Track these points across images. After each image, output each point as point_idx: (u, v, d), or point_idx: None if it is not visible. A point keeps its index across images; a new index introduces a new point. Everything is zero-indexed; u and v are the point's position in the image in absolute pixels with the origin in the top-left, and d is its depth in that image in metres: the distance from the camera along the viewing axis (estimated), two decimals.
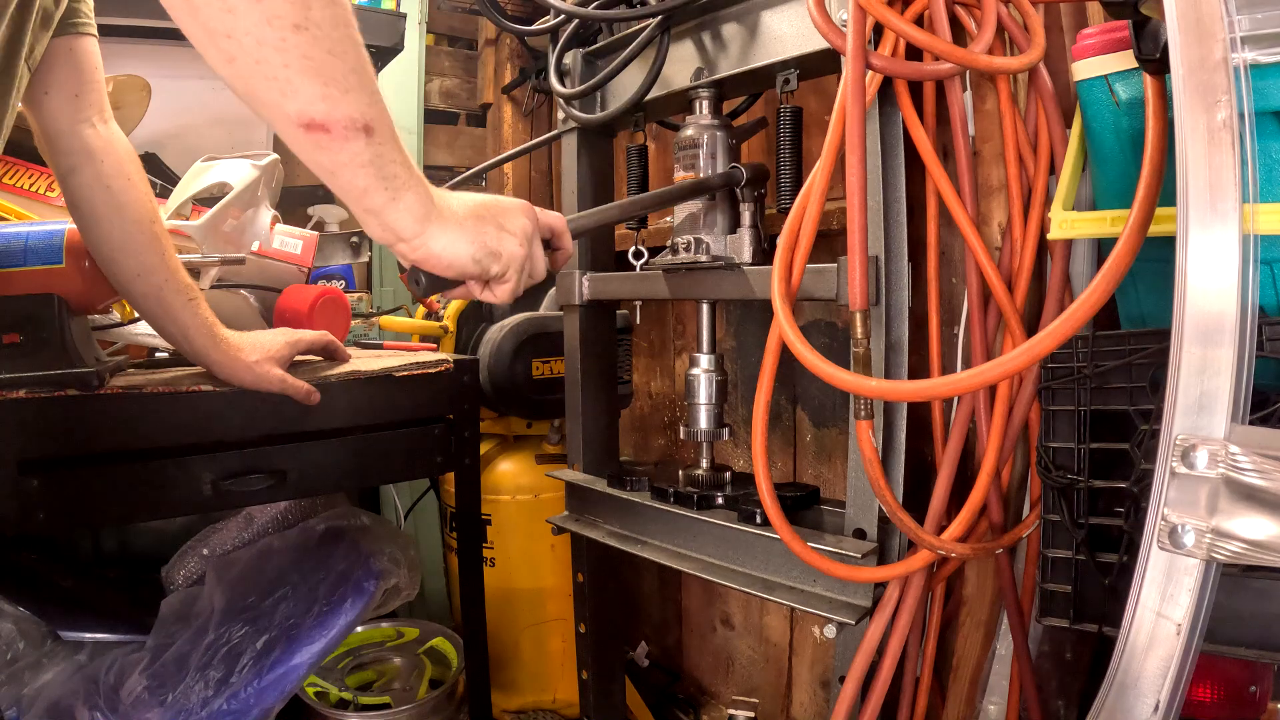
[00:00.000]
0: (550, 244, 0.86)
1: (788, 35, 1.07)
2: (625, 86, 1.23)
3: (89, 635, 1.35)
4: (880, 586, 1.00)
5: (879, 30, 0.94)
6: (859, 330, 0.92)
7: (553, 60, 1.33)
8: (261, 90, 0.59)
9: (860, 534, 1.01)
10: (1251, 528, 0.55)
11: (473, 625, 1.40)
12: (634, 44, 1.15)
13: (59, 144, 0.97)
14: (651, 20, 1.15)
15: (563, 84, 1.32)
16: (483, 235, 0.74)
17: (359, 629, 1.72)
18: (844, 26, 0.91)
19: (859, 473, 1.00)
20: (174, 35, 1.84)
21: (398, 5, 2.18)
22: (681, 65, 1.21)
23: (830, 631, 1.04)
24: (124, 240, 0.99)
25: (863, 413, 0.93)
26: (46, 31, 0.90)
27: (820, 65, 1.07)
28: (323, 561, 1.38)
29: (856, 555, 0.97)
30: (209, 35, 0.56)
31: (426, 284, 0.75)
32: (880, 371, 0.98)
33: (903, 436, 1.01)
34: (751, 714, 1.38)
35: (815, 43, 1.02)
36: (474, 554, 1.41)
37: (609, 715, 1.50)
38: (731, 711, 1.39)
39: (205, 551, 1.49)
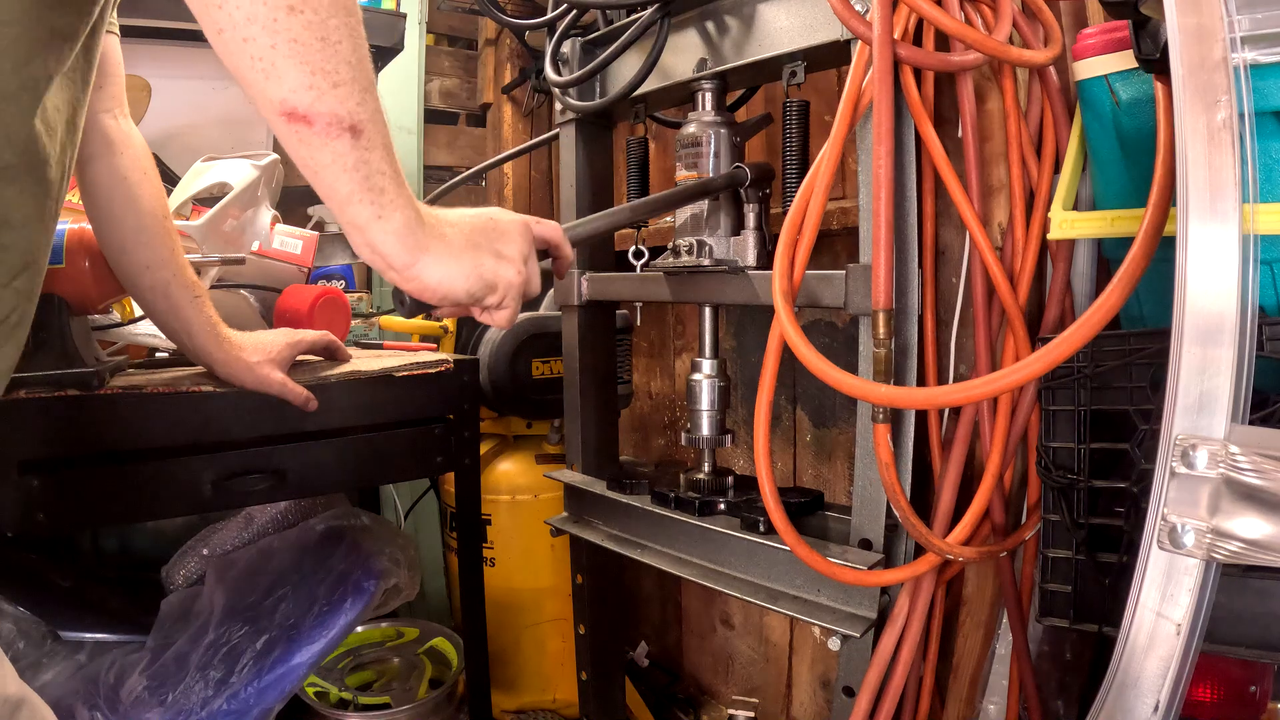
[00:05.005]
0: (549, 253, 0.84)
1: (794, 26, 1.05)
2: (624, 76, 1.21)
3: (89, 635, 1.35)
4: (885, 596, 1.00)
5: None
6: (881, 330, 0.88)
7: (549, 49, 1.30)
8: (246, 70, 0.55)
9: (866, 544, 1.00)
10: (1251, 528, 0.55)
11: (473, 625, 1.40)
12: (634, 28, 1.12)
13: None
14: (651, 5, 1.13)
15: (559, 73, 1.29)
16: (479, 266, 0.71)
17: (359, 629, 1.72)
18: (866, 14, 0.89)
19: (865, 480, 0.99)
20: (174, 35, 1.84)
21: (398, 5, 2.18)
22: (684, 55, 1.18)
23: (834, 644, 1.03)
24: (137, 231, 0.99)
25: (880, 416, 0.90)
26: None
27: (828, 58, 1.05)
28: (323, 561, 1.38)
29: (863, 567, 0.95)
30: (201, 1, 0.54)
31: (412, 305, 0.71)
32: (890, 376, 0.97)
33: (910, 441, 0.99)
34: (751, 714, 1.38)
35: (823, 34, 1.00)
36: (474, 554, 1.41)
37: (609, 715, 1.49)
38: (731, 711, 1.39)
39: (205, 551, 1.49)
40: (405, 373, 1.25)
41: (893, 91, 0.88)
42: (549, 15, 1.32)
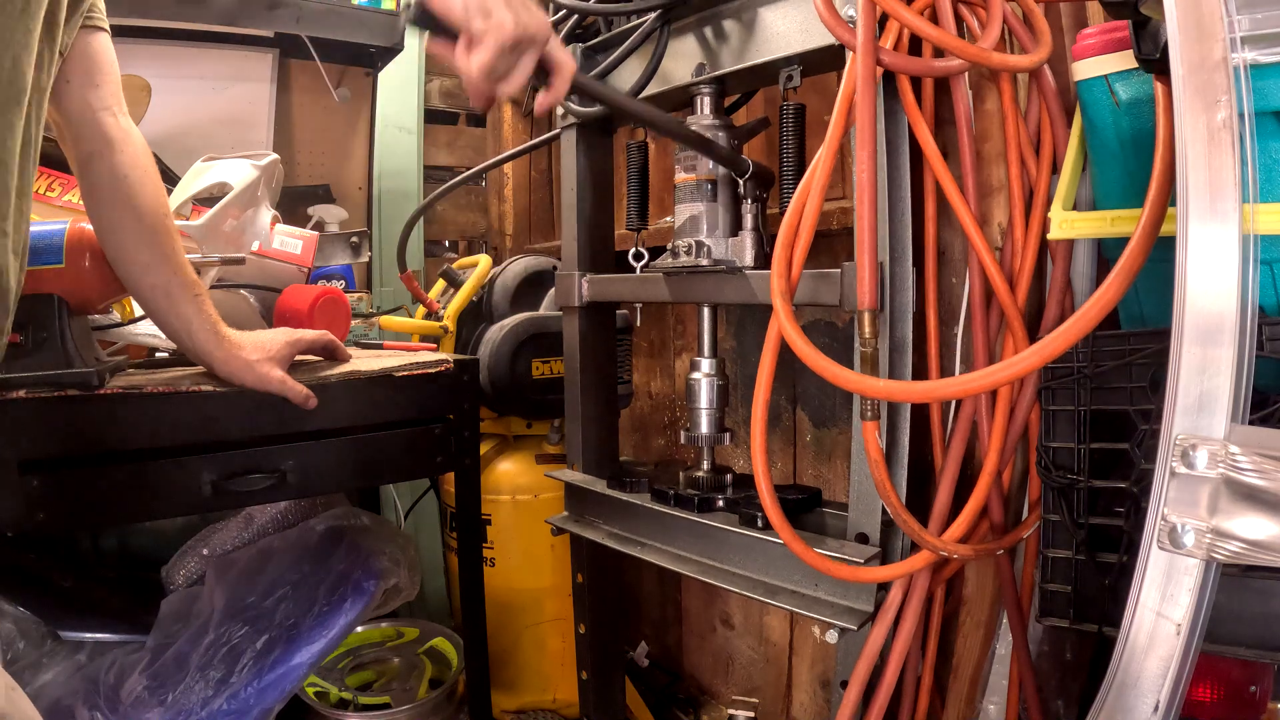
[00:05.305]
0: (549, 75, 0.85)
1: (790, 31, 1.06)
2: (624, 81, 1.22)
3: (89, 635, 1.35)
4: (883, 591, 1.00)
5: (880, 25, 0.94)
6: (867, 329, 0.90)
7: None
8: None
9: (863, 538, 1.00)
10: (1251, 528, 0.55)
11: (473, 625, 1.40)
12: (634, 36, 1.14)
13: (80, 131, 0.98)
14: (651, 13, 1.14)
15: None
16: None
17: (359, 629, 1.72)
18: (851, 22, 0.90)
19: (862, 476, 0.99)
20: (174, 35, 1.84)
21: (398, 5, 2.18)
22: (683, 61, 1.20)
23: (832, 637, 1.03)
24: (137, 230, 1.00)
25: (869, 413, 0.91)
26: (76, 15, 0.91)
27: (823, 62, 1.06)
28: (323, 561, 1.39)
29: (859, 560, 0.96)
30: None
31: (415, 10, 0.76)
32: (884, 373, 0.97)
33: (906, 438, 1.00)
34: (751, 714, 1.38)
35: (818, 39, 1.01)
36: (474, 554, 1.41)
37: (609, 715, 1.49)
38: (731, 711, 1.39)
39: (205, 551, 1.49)
40: (405, 373, 1.25)
41: (874, 96, 0.89)
42: (550, 20, 1.33)
